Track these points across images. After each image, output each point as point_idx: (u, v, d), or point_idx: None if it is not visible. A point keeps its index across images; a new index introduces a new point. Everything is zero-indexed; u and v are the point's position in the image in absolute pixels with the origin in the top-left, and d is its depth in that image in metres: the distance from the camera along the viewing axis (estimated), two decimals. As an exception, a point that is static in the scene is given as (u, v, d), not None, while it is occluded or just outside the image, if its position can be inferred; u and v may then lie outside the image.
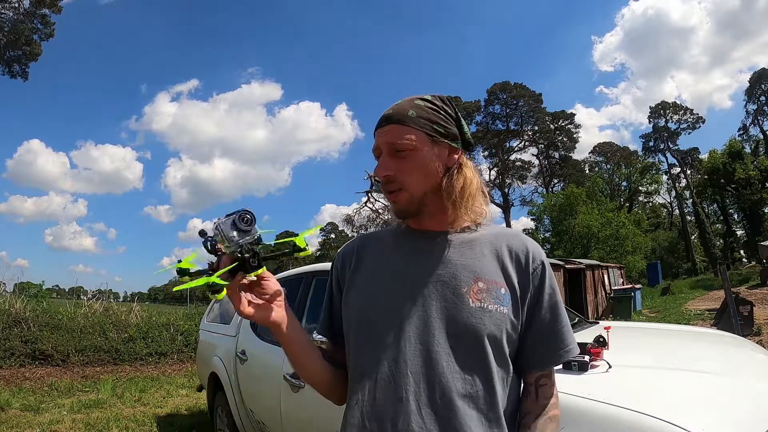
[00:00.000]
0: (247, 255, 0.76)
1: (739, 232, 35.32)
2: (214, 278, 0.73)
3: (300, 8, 73.32)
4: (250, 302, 0.81)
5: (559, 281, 11.45)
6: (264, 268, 0.79)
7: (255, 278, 0.79)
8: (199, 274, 0.76)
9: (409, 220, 0.91)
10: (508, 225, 38.07)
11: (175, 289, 0.78)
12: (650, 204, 41.83)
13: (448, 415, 0.78)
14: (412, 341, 0.81)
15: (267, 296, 0.82)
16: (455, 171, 0.87)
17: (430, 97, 0.88)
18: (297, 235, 0.84)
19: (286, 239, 0.83)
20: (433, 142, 0.85)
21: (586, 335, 1.95)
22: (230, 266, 0.76)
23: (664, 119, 39.42)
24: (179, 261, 0.77)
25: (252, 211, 0.76)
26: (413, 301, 0.83)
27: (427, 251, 0.87)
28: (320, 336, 0.98)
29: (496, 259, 0.86)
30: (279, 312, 0.83)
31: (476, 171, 0.90)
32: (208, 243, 0.77)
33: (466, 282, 0.82)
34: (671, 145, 39.44)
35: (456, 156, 0.88)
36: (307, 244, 0.83)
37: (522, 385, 0.89)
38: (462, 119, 0.90)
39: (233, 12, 71.23)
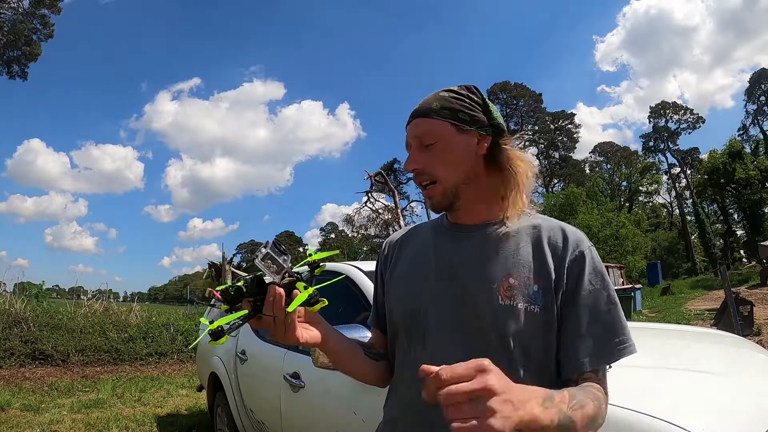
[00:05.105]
0: (295, 277, 0.74)
1: (739, 232, 35.34)
2: (312, 289, 0.74)
3: (303, 7, 73.48)
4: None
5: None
6: (312, 288, 0.76)
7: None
8: (238, 324, 0.73)
9: (448, 214, 0.91)
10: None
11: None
12: (650, 204, 41.82)
13: None
14: (437, 339, 0.82)
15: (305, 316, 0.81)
16: (486, 157, 0.84)
17: (456, 88, 0.87)
18: (310, 254, 0.83)
19: (303, 261, 0.83)
20: (460, 131, 0.83)
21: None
22: (309, 290, 0.74)
23: (664, 119, 39.43)
24: (211, 321, 0.72)
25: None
26: (444, 298, 0.83)
27: (462, 247, 0.85)
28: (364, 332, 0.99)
29: (532, 253, 0.81)
30: (322, 328, 0.83)
31: (515, 156, 0.84)
32: (232, 288, 0.72)
33: (497, 278, 0.79)
34: (671, 145, 39.46)
35: (486, 143, 0.84)
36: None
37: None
38: (491, 105, 0.87)
39: (235, 10, 71.35)
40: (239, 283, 0.73)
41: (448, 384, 0.53)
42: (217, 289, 0.73)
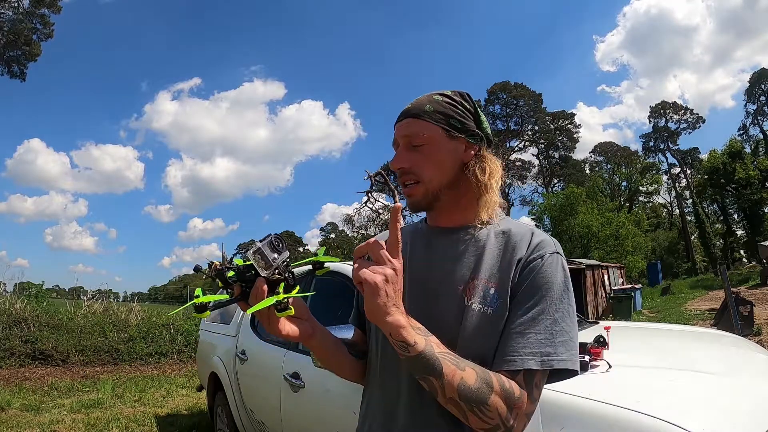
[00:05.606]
0: (287, 274, 0.76)
1: (739, 232, 35.33)
2: (282, 296, 0.75)
3: (303, 7, 73.54)
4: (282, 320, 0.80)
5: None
6: (298, 287, 0.79)
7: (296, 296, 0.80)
8: (222, 304, 0.75)
9: (426, 217, 0.93)
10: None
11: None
12: (650, 204, 41.82)
13: (426, 413, 0.81)
14: None
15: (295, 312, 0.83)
16: (471, 165, 0.86)
17: (449, 93, 0.88)
18: (316, 254, 0.86)
19: (308, 259, 0.86)
20: (450, 136, 0.85)
21: (587, 335, 1.95)
22: (296, 290, 0.78)
23: (664, 119, 39.43)
24: (196, 297, 0.74)
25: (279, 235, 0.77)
26: (416, 300, 0.84)
27: (436, 249, 0.87)
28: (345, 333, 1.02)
29: (497, 256, 0.82)
30: (307, 325, 0.84)
31: (495, 167, 0.88)
32: (223, 271, 0.75)
33: (462, 280, 0.82)
34: (671, 145, 39.46)
35: (473, 151, 0.87)
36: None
37: None
38: (482, 114, 0.89)
39: (235, 10, 71.44)
40: (236, 261, 0.76)
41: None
42: (236, 263, 0.76)
